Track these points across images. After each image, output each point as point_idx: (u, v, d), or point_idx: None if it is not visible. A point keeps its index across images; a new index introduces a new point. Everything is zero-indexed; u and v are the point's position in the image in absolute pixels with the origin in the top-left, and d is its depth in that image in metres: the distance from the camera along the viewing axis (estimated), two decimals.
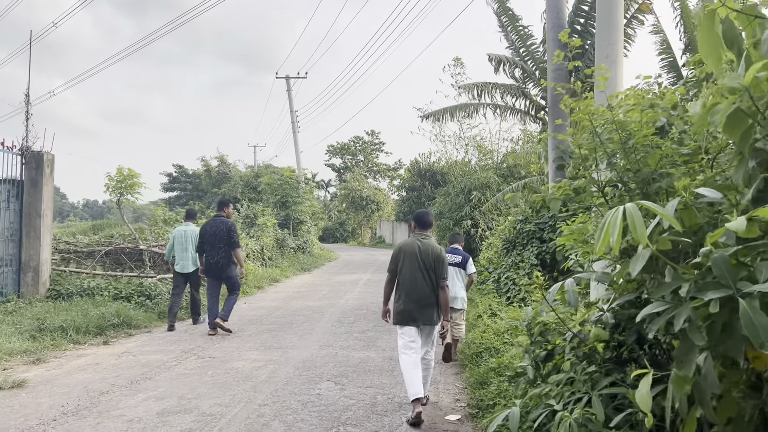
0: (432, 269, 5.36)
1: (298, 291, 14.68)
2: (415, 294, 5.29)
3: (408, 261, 5.37)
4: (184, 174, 68.96)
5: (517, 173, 21.53)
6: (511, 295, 9.42)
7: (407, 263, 5.38)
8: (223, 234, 8.87)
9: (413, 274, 5.32)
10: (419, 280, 5.30)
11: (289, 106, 36.08)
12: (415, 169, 40.52)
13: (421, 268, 5.33)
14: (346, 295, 13.96)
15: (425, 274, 5.33)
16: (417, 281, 5.30)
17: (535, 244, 9.79)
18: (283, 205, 24.52)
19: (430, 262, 5.35)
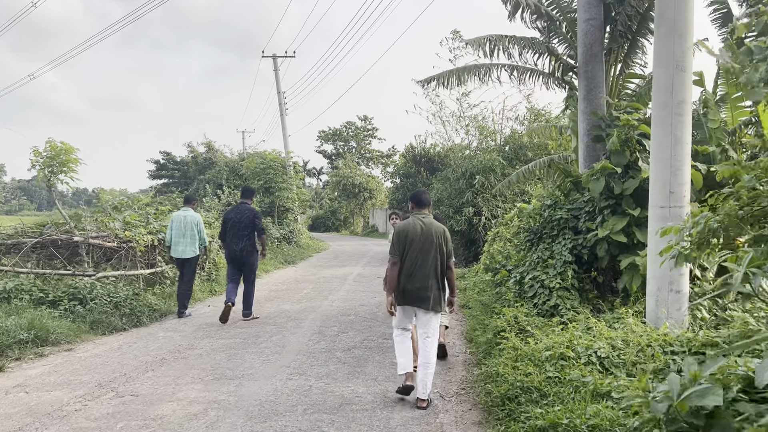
0: (437, 249, 5.14)
1: (275, 290, 12.45)
2: (420, 276, 5.05)
3: (413, 242, 5.09)
4: (172, 161, 66.33)
5: (523, 155, 19.32)
6: (539, 301, 7.24)
7: (412, 244, 5.09)
8: (248, 221, 8.80)
9: (417, 256, 5.08)
10: (424, 262, 5.07)
11: (277, 87, 33.59)
12: (409, 154, 38.22)
13: (426, 248, 5.09)
14: (332, 294, 11.73)
15: (430, 254, 5.10)
16: (421, 263, 5.06)
17: (568, 236, 7.60)
18: (267, 191, 22.20)
19: (434, 241, 5.11)
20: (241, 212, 8.89)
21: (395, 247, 5.15)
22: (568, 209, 7.91)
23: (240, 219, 8.83)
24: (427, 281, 5.05)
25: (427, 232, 5.11)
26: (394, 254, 5.14)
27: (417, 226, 5.14)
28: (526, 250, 8.39)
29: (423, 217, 5.24)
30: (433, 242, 5.11)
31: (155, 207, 13.05)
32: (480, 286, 10.83)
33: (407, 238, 5.12)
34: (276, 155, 22.82)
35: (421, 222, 5.17)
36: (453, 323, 8.86)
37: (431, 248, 5.10)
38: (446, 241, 5.21)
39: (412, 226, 5.15)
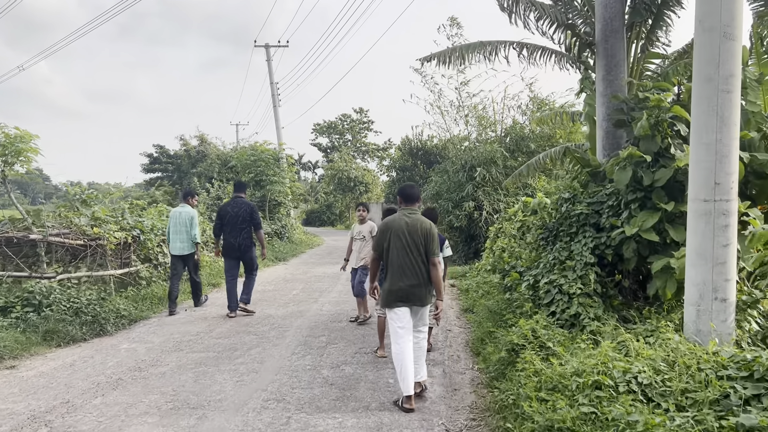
0: (421, 245, 4.95)
1: (262, 291, 11.43)
2: (405, 273, 4.91)
3: (395, 239, 4.96)
4: (166, 155, 65.18)
5: (525, 146, 18.32)
6: (557, 309, 6.25)
7: (394, 241, 4.96)
8: (246, 215, 8.75)
9: (401, 252, 4.93)
10: (408, 259, 4.92)
11: (269, 77, 32.47)
12: (406, 147, 37.17)
13: (410, 245, 4.93)
14: (323, 296, 10.72)
15: (414, 251, 4.93)
16: (406, 260, 4.92)
17: (589, 234, 6.61)
18: (258, 185, 21.14)
19: (418, 238, 4.94)
20: (238, 206, 8.82)
21: (377, 242, 5.07)
22: (588, 203, 6.90)
23: (237, 213, 8.76)
24: (418, 278, 4.91)
25: (412, 229, 4.94)
26: (376, 249, 5.09)
27: (402, 222, 4.97)
28: (539, 250, 7.39)
29: (410, 213, 5.05)
30: (416, 239, 4.93)
31: (131, 201, 12.00)
32: (484, 288, 9.85)
33: (390, 234, 4.98)
34: (267, 147, 21.73)
35: (406, 218, 4.99)
36: (455, 330, 7.88)
37: (414, 245, 4.93)
38: (430, 238, 4.98)
39: (396, 222, 4.99)
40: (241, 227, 8.76)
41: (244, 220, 8.76)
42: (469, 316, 8.72)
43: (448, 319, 8.73)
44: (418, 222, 4.99)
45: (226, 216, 8.80)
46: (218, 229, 8.92)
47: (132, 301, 9.20)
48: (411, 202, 5.16)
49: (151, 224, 11.33)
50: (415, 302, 4.95)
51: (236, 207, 8.83)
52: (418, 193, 5.28)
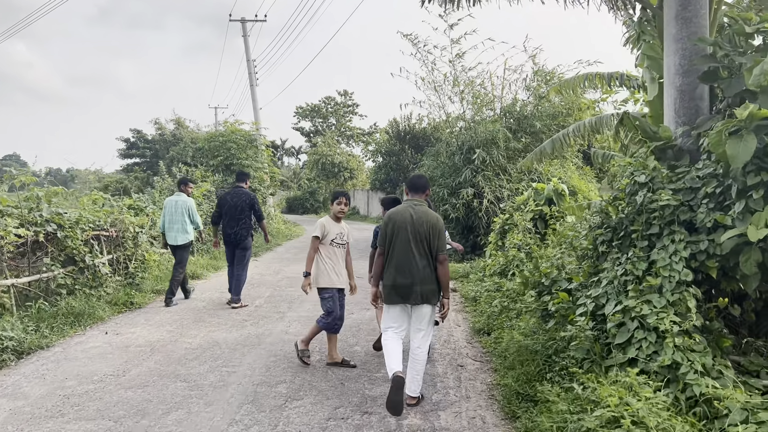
0: (427, 240, 4.46)
1: (216, 300, 9.04)
2: (408, 269, 4.44)
3: (400, 232, 4.49)
4: (143, 139, 62.24)
5: (529, 126, 16.02)
6: (639, 353, 3.97)
7: (399, 234, 4.50)
8: (245, 206, 8.58)
9: (405, 247, 4.47)
10: (412, 254, 4.45)
11: (246, 54, 29.75)
12: (393, 130, 34.72)
13: (415, 239, 4.46)
14: (292, 309, 8.34)
15: (419, 246, 4.46)
16: (409, 255, 4.45)
17: (679, 237, 4.32)
18: (228, 170, 18.60)
19: (424, 232, 4.46)
20: (238, 196, 8.66)
21: (381, 236, 4.62)
22: (674, 191, 4.59)
23: (236, 203, 8.59)
24: (419, 275, 4.44)
25: (417, 222, 4.48)
26: (381, 245, 4.61)
27: (407, 213, 4.52)
28: (597, 258, 5.04)
29: (416, 204, 4.60)
30: (422, 233, 4.46)
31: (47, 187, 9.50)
32: (498, 298, 7.57)
33: (394, 227, 4.55)
34: (237, 127, 19.13)
35: (412, 210, 4.54)
36: (470, 366, 5.59)
37: (419, 240, 4.47)
38: (437, 232, 4.50)
39: (401, 213, 4.55)
40: (239, 217, 8.56)
41: (243, 210, 8.56)
42: (484, 340, 6.43)
43: (457, 344, 6.43)
44: (423, 215, 4.51)
45: (225, 205, 8.61)
46: (216, 217, 8.76)
47: (35, 321, 6.78)
48: (416, 192, 4.67)
49: (77, 216, 8.85)
50: (414, 301, 4.46)
51: (235, 197, 8.63)
52: (426, 183, 4.74)
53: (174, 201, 8.93)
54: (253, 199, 8.74)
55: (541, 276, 5.54)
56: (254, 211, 8.69)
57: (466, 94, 17.14)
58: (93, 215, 9.47)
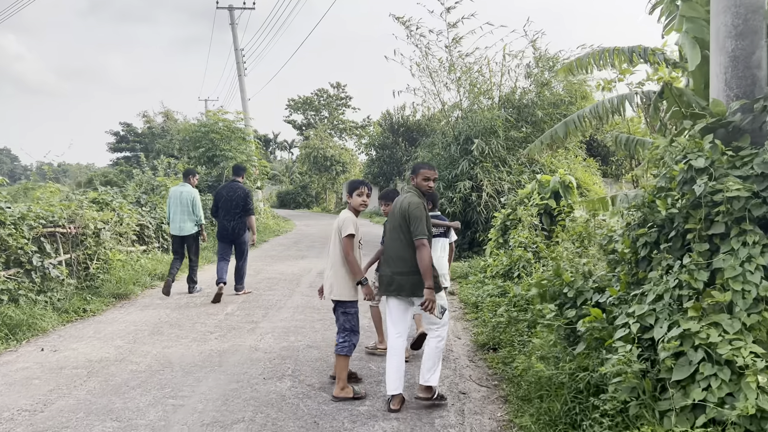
0: (400, 226, 4.23)
1: (185, 304, 7.93)
2: (391, 257, 4.32)
3: (389, 220, 4.48)
4: (133, 133, 60.88)
5: (531, 115, 14.96)
6: (708, 396, 2.94)
7: (388, 222, 4.50)
8: (240, 200, 8.53)
9: (390, 234, 4.36)
10: (393, 241, 4.30)
11: (234, 43, 28.52)
12: (386, 122, 33.59)
13: (395, 226, 4.30)
14: (267, 318, 7.24)
15: (399, 232, 4.26)
16: (392, 242, 4.32)
17: (752, 239, 3.28)
18: (210, 161, 17.44)
19: (398, 216, 4.27)
20: (233, 190, 8.63)
21: None
22: (741, 177, 3.52)
23: (232, 197, 8.55)
24: (397, 264, 4.24)
25: (396, 208, 4.34)
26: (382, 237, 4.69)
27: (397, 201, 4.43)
28: (637, 264, 3.96)
29: (408, 189, 4.41)
30: (398, 218, 4.27)
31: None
32: (504, 306, 6.52)
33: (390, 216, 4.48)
34: (220, 116, 17.95)
35: (398, 198, 4.41)
36: (475, 394, 4.53)
37: (398, 225, 4.26)
38: (410, 216, 4.17)
39: (394, 203, 4.45)
40: (235, 212, 8.53)
41: (238, 204, 8.52)
42: (490, 358, 5.38)
43: (458, 362, 5.37)
44: (401, 199, 4.34)
45: (221, 199, 8.59)
46: (215, 210, 8.75)
47: None
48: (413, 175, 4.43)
49: (24, 212, 7.72)
50: (401, 292, 4.22)
51: (231, 191, 8.60)
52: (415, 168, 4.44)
53: (179, 191, 8.85)
54: (247, 194, 8.69)
55: (563, 285, 4.47)
56: (245, 205, 8.57)
57: (463, 81, 16.03)
58: (46, 210, 8.35)
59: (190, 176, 9.20)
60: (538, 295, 4.53)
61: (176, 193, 8.87)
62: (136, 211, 11.34)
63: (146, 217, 11.55)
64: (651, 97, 6.53)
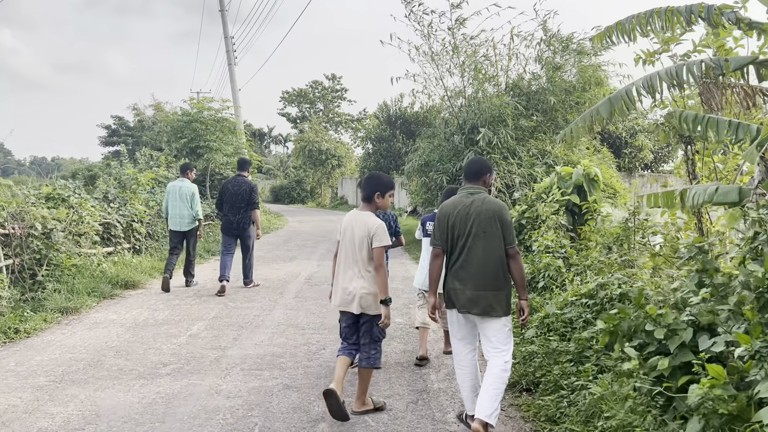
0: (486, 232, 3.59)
1: (143, 322, 6.52)
2: (471, 268, 3.60)
3: (456, 225, 3.68)
4: (125, 126, 59.29)
5: (543, 102, 13.56)
6: None
7: (456, 227, 3.67)
8: (245, 194, 8.47)
9: (466, 242, 3.64)
10: (474, 249, 3.61)
11: (223, 30, 26.93)
12: (383, 114, 32.11)
13: (475, 233, 3.61)
14: (238, 343, 5.81)
15: (480, 240, 3.59)
16: (471, 250, 3.61)
17: None
18: (194, 153, 15.97)
19: (485, 221, 3.59)
20: (239, 184, 8.52)
21: (435, 234, 3.81)
22: None
23: (237, 191, 8.45)
24: (479, 277, 3.57)
25: (476, 211, 3.62)
26: (436, 244, 3.78)
27: (465, 203, 3.70)
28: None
29: (472, 192, 3.74)
30: (483, 224, 3.60)
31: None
32: (533, 328, 5.16)
33: (448, 221, 3.71)
34: (204, 104, 16.47)
35: (466, 199, 3.72)
36: None
37: (481, 232, 3.60)
38: (502, 222, 3.63)
39: (457, 204, 3.74)
40: (240, 206, 8.46)
41: (243, 198, 8.46)
42: (526, 403, 4.01)
43: None
44: (483, 202, 3.65)
45: (227, 193, 8.54)
46: (220, 204, 8.68)
47: None
48: (473, 179, 3.82)
49: None
50: (484, 309, 3.56)
51: (237, 185, 8.53)
52: (482, 167, 3.85)
53: (178, 186, 8.72)
54: (253, 188, 8.60)
55: (645, 318, 3.06)
56: (250, 199, 8.48)
57: (467, 67, 14.59)
58: None
59: (188, 171, 9.08)
60: (607, 332, 3.14)
61: (175, 188, 8.72)
62: (100, 208, 9.90)
63: (113, 215, 10.10)
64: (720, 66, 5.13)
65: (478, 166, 3.86)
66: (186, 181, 8.87)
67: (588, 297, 5.27)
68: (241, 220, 8.47)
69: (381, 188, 4.05)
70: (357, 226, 3.95)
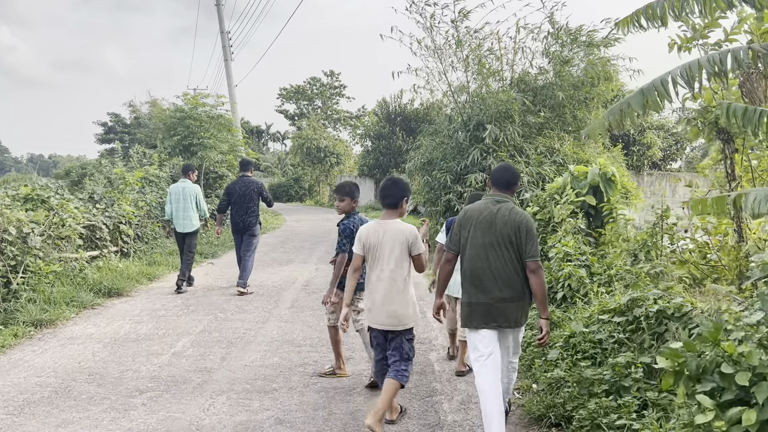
0: (511, 243, 3.46)
1: (126, 335, 5.92)
2: (490, 281, 3.46)
3: (478, 232, 3.50)
4: (121, 123, 58.56)
5: (550, 97, 12.97)
6: None
7: (477, 235, 3.50)
8: (254, 194, 8.47)
9: (486, 252, 3.47)
10: (495, 260, 3.46)
11: (219, 25, 26.30)
12: (383, 111, 31.50)
13: (498, 243, 3.47)
14: (226, 363, 5.19)
15: (503, 251, 3.47)
16: (492, 262, 3.47)
17: None
18: (187, 150, 15.34)
19: (508, 233, 3.45)
20: (246, 185, 8.47)
21: (453, 238, 3.64)
22: None
23: (245, 192, 8.38)
24: (499, 290, 3.45)
25: (500, 221, 3.47)
26: (450, 248, 3.64)
27: (488, 211, 3.53)
28: None
29: (499, 200, 3.58)
30: (505, 235, 3.45)
31: None
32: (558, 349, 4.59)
33: (469, 225, 3.53)
34: (198, 99, 15.83)
35: (493, 207, 3.55)
36: None
37: (504, 243, 3.46)
38: (527, 235, 3.46)
39: (479, 211, 3.56)
40: (248, 206, 8.40)
41: (251, 198, 8.43)
42: None
43: None
44: (508, 212, 3.50)
45: (234, 194, 8.46)
46: (224, 205, 8.70)
47: None
48: (503, 187, 3.64)
49: None
50: (506, 322, 3.48)
51: (244, 186, 8.48)
52: (513, 176, 3.70)
53: (181, 188, 8.64)
54: (261, 187, 8.71)
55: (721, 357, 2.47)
56: (263, 198, 8.61)
57: (471, 61, 13.96)
58: None
59: (190, 172, 9.00)
60: (672, 372, 2.55)
61: (178, 190, 8.64)
62: (85, 210, 9.29)
63: (98, 217, 9.49)
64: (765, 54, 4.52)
65: (510, 176, 3.70)
66: (188, 182, 8.77)
67: (618, 313, 4.68)
68: (248, 219, 8.42)
69: (408, 193, 3.88)
70: (388, 236, 3.70)
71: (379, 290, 3.68)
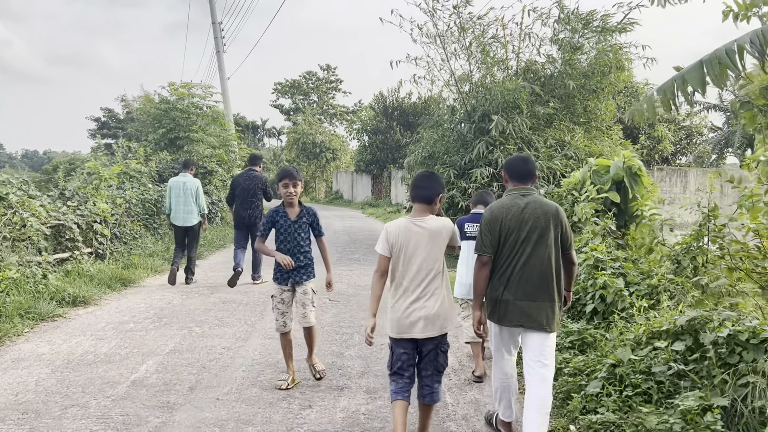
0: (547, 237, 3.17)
1: (83, 356, 5.02)
2: (524, 277, 3.18)
3: (513, 229, 3.21)
4: (114, 119, 57.46)
5: (560, 86, 12.10)
6: None
7: (512, 232, 3.21)
8: (258, 189, 8.50)
9: (521, 248, 3.19)
10: (532, 256, 3.17)
11: (211, 16, 25.33)
12: (379, 105, 30.58)
13: (533, 237, 3.17)
14: (194, 396, 4.26)
15: (539, 247, 3.17)
16: (529, 258, 3.17)
17: None
18: (173, 144, 14.39)
19: (543, 225, 3.18)
20: (251, 179, 8.48)
21: (484, 240, 3.25)
22: None
23: (249, 186, 8.40)
24: (534, 286, 3.17)
25: (531, 214, 3.20)
26: (484, 251, 3.25)
27: (516, 206, 3.25)
28: None
29: (524, 193, 3.31)
30: (540, 228, 3.18)
31: None
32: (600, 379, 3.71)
33: (501, 226, 3.22)
34: (185, 91, 14.85)
35: (520, 201, 3.27)
36: None
37: (538, 237, 3.18)
38: (563, 226, 3.24)
39: (508, 207, 3.27)
40: (252, 200, 8.39)
41: (255, 193, 8.41)
42: None
43: None
44: (538, 204, 3.25)
45: (238, 188, 8.42)
46: (231, 199, 8.59)
47: None
48: (523, 180, 3.37)
49: None
50: (527, 323, 3.16)
51: (248, 180, 8.44)
52: (533, 168, 3.42)
53: (181, 182, 8.57)
54: (265, 182, 8.67)
55: None
56: (264, 192, 8.59)
57: (475, 49, 13.05)
58: None
59: (190, 166, 9.02)
60: None
61: (178, 184, 8.55)
62: (53, 208, 8.36)
63: (69, 215, 8.55)
64: None
65: (530, 165, 3.41)
66: (188, 176, 8.73)
67: (672, 336, 3.81)
68: (252, 213, 8.37)
69: (443, 189, 3.41)
70: (425, 235, 3.20)
71: (409, 297, 3.18)
